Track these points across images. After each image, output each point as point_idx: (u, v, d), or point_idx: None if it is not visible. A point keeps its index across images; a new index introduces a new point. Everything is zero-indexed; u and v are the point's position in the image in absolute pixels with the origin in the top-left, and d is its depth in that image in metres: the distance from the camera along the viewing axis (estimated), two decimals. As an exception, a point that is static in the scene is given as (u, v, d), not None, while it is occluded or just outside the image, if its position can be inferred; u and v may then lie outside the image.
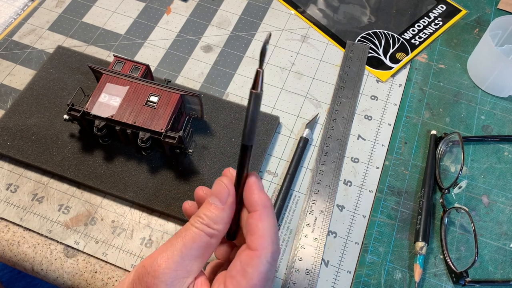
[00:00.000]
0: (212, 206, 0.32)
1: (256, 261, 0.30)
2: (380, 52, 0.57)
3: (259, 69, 0.28)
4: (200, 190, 0.35)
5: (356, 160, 0.49)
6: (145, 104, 0.45)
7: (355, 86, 0.54)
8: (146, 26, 0.59)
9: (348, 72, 0.55)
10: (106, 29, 0.58)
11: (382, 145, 0.50)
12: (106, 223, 0.45)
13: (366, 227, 0.46)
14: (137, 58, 0.56)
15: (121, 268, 0.43)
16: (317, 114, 0.52)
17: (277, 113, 0.52)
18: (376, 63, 0.56)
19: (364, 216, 0.46)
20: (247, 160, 0.31)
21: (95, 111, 0.45)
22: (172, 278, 0.29)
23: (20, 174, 0.48)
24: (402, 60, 0.56)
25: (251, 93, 0.29)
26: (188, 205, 0.37)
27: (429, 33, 0.59)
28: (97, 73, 0.48)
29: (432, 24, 0.59)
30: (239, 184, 0.32)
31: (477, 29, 0.59)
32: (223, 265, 0.36)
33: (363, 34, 0.59)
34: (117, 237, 0.44)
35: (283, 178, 0.47)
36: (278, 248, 0.31)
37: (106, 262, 0.43)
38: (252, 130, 0.30)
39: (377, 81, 0.55)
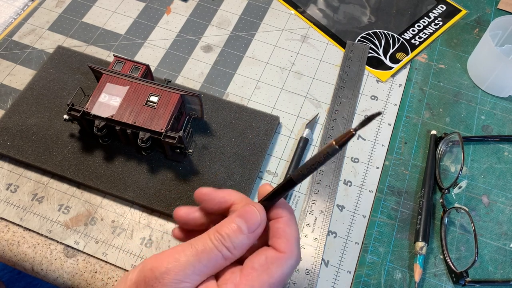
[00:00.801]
0: (237, 230, 0.30)
1: (282, 261, 0.30)
2: (380, 52, 0.57)
3: (353, 131, 0.27)
4: (204, 189, 0.34)
5: (356, 160, 0.49)
6: (145, 104, 0.45)
7: (355, 86, 0.54)
8: (146, 26, 0.59)
9: (348, 72, 0.55)
10: (106, 29, 0.58)
11: (382, 145, 0.50)
12: (106, 223, 0.45)
13: (366, 227, 0.46)
14: (137, 58, 0.56)
15: (121, 268, 0.43)
16: (317, 114, 0.52)
17: (277, 113, 0.52)
18: (376, 63, 0.56)
19: (364, 216, 0.46)
20: (286, 193, 0.32)
21: (95, 111, 0.45)
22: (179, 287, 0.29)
23: (20, 174, 0.48)
24: (402, 60, 0.56)
25: (332, 145, 0.28)
26: (182, 211, 0.35)
27: (429, 33, 0.59)
28: (97, 73, 0.48)
29: (432, 24, 0.59)
30: (267, 205, 0.33)
31: (477, 29, 0.59)
32: None
33: (363, 34, 0.59)
34: (117, 237, 0.44)
35: (283, 178, 0.47)
36: (300, 255, 0.32)
37: (106, 262, 0.43)
38: (309, 174, 0.30)
39: (377, 81, 0.55)
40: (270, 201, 0.32)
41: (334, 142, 0.28)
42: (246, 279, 0.29)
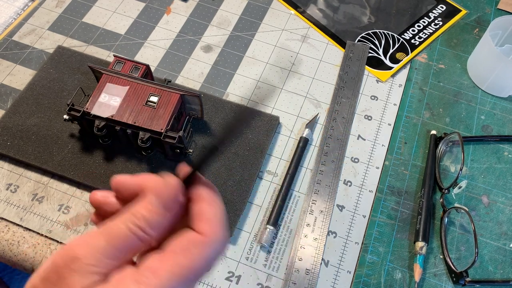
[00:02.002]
0: (152, 209, 0.27)
1: (204, 245, 0.27)
2: (380, 52, 0.57)
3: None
4: (118, 177, 0.31)
5: (356, 160, 0.49)
6: (145, 104, 0.45)
7: (355, 86, 0.54)
8: (146, 26, 0.59)
9: (348, 72, 0.55)
10: (106, 29, 0.58)
11: (382, 145, 0.50)
12: (106, 223, 0.45)
13: (366, 227, 0.46)
14: (137, 58, 0.56)
15: (121, 268, 0.43)
16: (317, 114, 0.52)
17: (277, 113, 0.52)
18: (376, 63, 0.56)
19: (364, 216, 0.46)
20: (209, 161, 0.29)
21: (95, 111, 0.45)
22: (90, 272, 0.26)
23: (20, 174, 0.48)
24: (402, 60, 0.56)
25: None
26: (98, 195, 0.32)
27: (429, 33, 0.59)
28: (97, 73, 0.48)
29: (432, 24, 0.59)
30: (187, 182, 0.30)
31: (477, 29, 0.59)
32: None
33: (363, 34, 0.59)
34: (117, 237, 0.44)
35: (283, 178, 0.47)
36: (227, 236, 0.29)
37: (106, 262, 0.43)
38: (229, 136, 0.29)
39: (377, 81, 0.55)
40: (190, 179, 0.29)
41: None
42: (166, 264, 0.27)
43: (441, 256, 0.44)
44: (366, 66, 0.56)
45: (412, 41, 0.58)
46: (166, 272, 0.26)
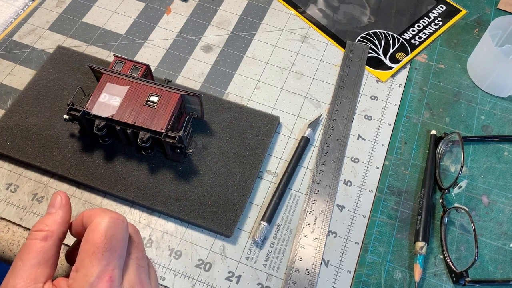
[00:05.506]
0: (46, 215, 0.36)
1: (91, 228, 0.33)
2: (380, 52, 0.57)
3: None
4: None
5: (356, 160, 0.49)
6: (145, 104, 0.45)
7: (355, 86, 0.54)
8: (146, 26, 0.59)
9: (348, 72, 0.55)
10: (106, 29, 0.58)
11: (382, 145, 0.50)
12: (106, 223, 0.45)
13: (366, 227, 0.46)
14: (137, 58, 0.56)
15: (121, 268, 0.43)
16: (321, 114, 0.52)
17: (277, 113, 0.52)
18: (376, 63, 0.56)
19: (364, 216, 0.46)
20: None
21: (95, 111, 0.45)
22: None
23: (20, 174, 0.48)
24: (402, 60, 0.56)
25: None
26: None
27: (429, 33, 0.59)
28: (97, 73, 0.49)
29: (432, 24, 0.59)
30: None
31: (477, 29, 0.59)
32: None
33: (363, 34, 0.59)
34: (117, 237, 0.44)
35: (281, 177, 0.47)
36: (109, 215, 0.33)
37: (106, 262, 0.43)
38: None
39: (377, 81, 0.55)
40: None
41: None
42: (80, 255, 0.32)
43: (441, 256, 0.44)
44: (366, 66, 0.56)
45: (412, 41, 0.58)
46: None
